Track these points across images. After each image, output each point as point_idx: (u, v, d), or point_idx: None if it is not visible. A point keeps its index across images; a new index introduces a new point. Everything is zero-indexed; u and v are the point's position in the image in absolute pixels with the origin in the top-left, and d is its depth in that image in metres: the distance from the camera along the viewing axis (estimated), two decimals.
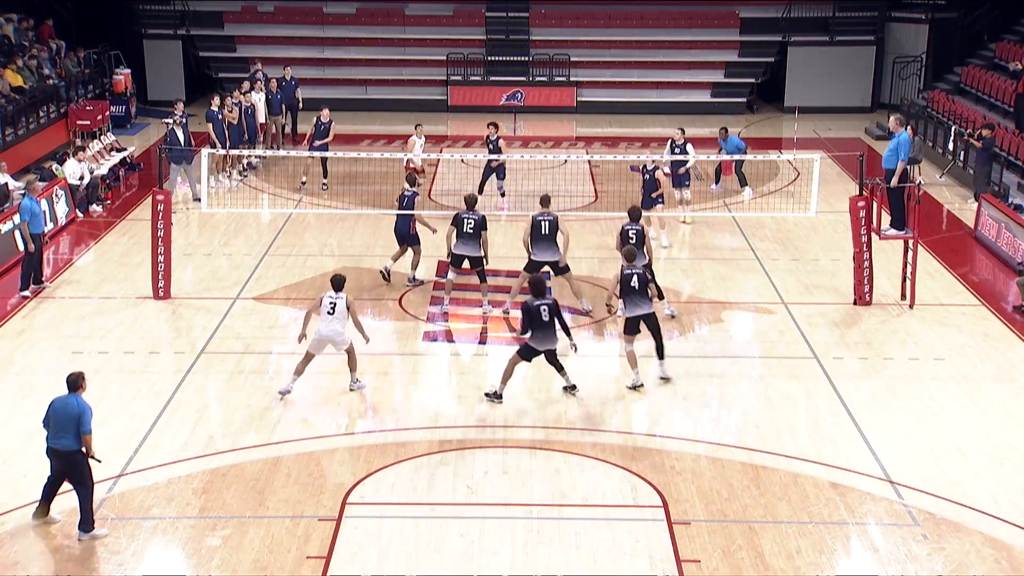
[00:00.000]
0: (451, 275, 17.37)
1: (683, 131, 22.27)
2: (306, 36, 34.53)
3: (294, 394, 14.30)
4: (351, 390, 14.53)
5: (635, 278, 14.51)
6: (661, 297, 16.77)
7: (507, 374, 14.24)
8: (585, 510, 11.85)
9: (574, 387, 14.43)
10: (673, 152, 21.82)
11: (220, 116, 24.24)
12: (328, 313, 14.24)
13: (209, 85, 33.10)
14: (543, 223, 16.82)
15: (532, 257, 16.96)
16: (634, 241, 16.44)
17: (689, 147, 21.91)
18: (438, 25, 34.63)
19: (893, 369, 15.65)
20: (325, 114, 24.25)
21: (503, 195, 23.03)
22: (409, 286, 18.36)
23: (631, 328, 14.61)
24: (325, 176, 24.34)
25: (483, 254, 17.03)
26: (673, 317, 17.01)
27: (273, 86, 27.19)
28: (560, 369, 14.34)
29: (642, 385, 14.62)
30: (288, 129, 28.45)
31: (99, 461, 11.25)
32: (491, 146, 22.68)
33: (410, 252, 18.36)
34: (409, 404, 14.51)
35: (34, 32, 30.39)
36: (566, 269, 17.10)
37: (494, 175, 22.80)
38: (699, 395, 14.58)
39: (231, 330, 16.65)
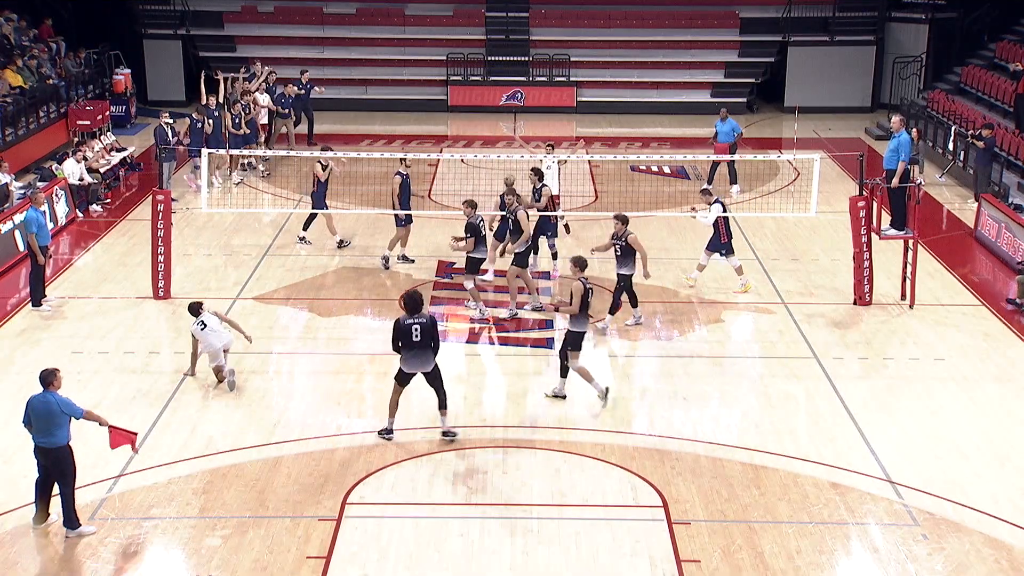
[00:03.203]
0: (469, 284, 17.16)
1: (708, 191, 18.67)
2: (306, 36, 34.53)
3: (294, 394, 14.31)
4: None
5: (591, 293, 13.96)
6: (635, 304, 16.83)
7: (393, 405, 13.22)
8: (585, 510, 11.84)
9: (452, 435, 13.14)
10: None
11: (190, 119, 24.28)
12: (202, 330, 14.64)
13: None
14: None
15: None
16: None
17: (716, 208, 17.83)
18: (438, 25, 34.63)
19: (893, 369, 15.65)
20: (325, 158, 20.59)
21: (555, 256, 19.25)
22: (399, 262, 19.36)
23: (577, 344, 14.13)
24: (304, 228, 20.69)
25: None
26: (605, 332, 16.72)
27: (292, 90, 27.05)
28: (441, 403, 13.13)
29: (565, 397, 14.23)
30: (305, 130, 28.41)
31: (108, 425, 11.44)
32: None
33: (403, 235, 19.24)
34: (409, 404, 14.45)
35: (34, 32, 30.39)
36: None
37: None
38: (699, 395, 14.57)
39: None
